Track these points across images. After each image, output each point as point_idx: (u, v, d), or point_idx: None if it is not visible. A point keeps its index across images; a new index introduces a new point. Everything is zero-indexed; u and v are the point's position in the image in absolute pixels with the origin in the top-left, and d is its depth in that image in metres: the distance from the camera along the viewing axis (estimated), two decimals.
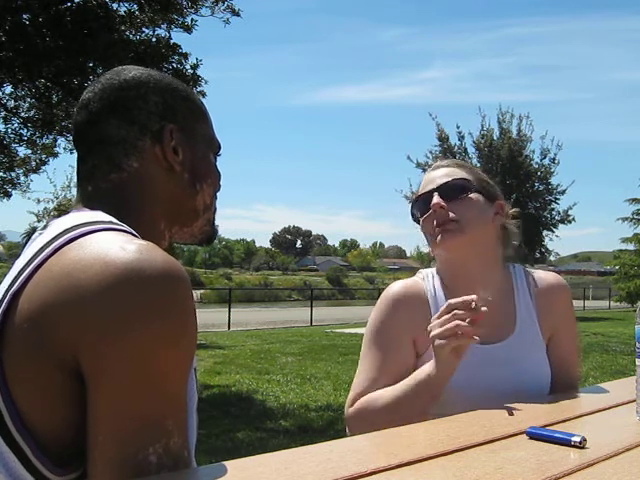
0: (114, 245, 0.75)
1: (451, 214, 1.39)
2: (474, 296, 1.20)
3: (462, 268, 1.43)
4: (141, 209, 0.92)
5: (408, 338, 1.39)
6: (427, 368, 1.26)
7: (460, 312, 1.19)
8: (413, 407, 1.27)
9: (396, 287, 1.45)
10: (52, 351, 0.72)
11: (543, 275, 1.51)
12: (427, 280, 1.48)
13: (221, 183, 1.05)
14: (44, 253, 0.77)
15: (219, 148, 1.05)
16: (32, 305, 0.73)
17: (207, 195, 0.99)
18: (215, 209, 1.04)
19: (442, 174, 1.45)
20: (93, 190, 0.91)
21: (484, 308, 1.19)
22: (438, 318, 1.22)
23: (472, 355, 1.32)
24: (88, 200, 0.91)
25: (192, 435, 0.83)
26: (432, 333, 1.21)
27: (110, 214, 0.87)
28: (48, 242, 0.79)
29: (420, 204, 1.46)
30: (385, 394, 1.33)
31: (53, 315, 0.72)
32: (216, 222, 1.06)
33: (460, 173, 1.45)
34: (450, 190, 1.42)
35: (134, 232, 0.83)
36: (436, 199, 1.40)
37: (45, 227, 0.88)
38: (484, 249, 1.43)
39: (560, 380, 1.42)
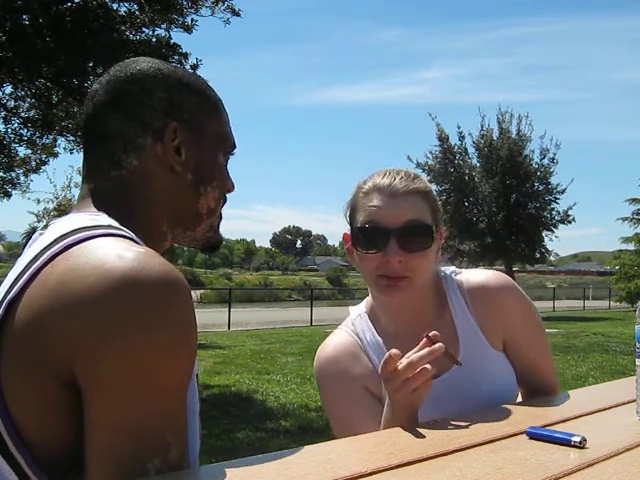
0: (111, 253, 0.73)
1: (405, 269, 1.22)
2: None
3: (400, 306, 1.30)
4: (142, 209, 0.89)
5: (361, 388, 1.29)
6: (389, 414, 1.12)
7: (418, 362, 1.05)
8: None
9: (325, 354, 1.33)
10: (48, 362, 0.70)
11: (476, 278, 1.33)
12: (357, 327, 1.36)
13: (234, 184, 1.00)
14: (40, 260, 0.75)
15: (233, 147, 1.00)
16: (28, 315, 0.72)
17: (212, 199, 0.95)
18: (221, 216, 0.99)
19: (401, 208, 1.23)
20: (94, 188, 0.90)
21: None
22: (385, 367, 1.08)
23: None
24: (89, 198, 0.89)
25: (195, 441, 0.82)
26: (388, 386, 1.09)
27: (111, 214, 0.85)
28: (45, 248, 0.77)
29: (367, 234, 1.24)
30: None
31: (49, 326, 0.70)
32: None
33: (421, 210, 1.24)
34: (410, 239, 1.22)
35: (134, 236, 0.82)
36: (394, 253, 1.20)
37: (46, 227, 0.86)
38: (425, 285, 1.30)
39: (532, 385, 1.34)
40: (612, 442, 0.94)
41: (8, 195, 10.48)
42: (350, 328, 1.37)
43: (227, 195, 1.01)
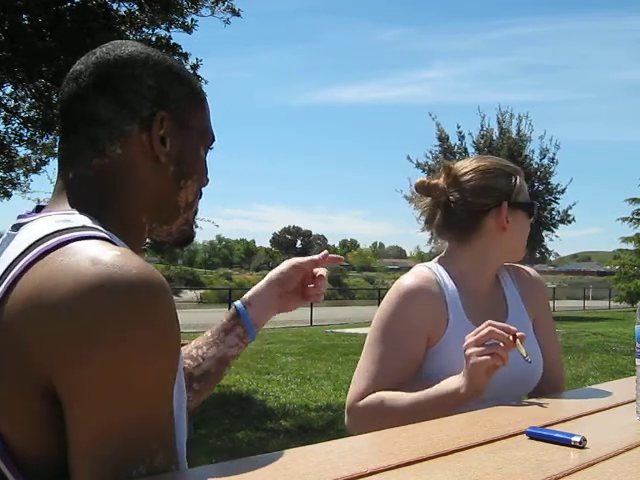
0: (85, 259, 0.70)
1: None
2: (514, 328, 1.24)
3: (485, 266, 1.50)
4: (123, 200, 0.86)
5: (422, 331, 1.39)
6: (455, 383, 1.25)
7: (499, 332, 1.21)
8: (429, 416, 1.23)
9: (409, 280, 1.44)
10: (28, 375, 0.69)
11: (520, 267, 1.60)
12: (436, 271, 1.48)
13: (209, 178, 0.97)
14: (15, 270, 0.73)
15: (212, 141, 0.98)
16: (6, 327, 0.70)
17: (190, 192, 0.93)
18: (196, 210, 0.97)
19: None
20: (74, 178, 0.86)
21: (520, 333, 1.23)
22: (474, 336, 1.23)
23: None
24: (68, 189, 0.85)
25: (182, 435, 0.81)
26: (469, 351, 1.22)
27: (88, 207, 0.82)
28: (19, 256, 0.74)
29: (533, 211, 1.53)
30: (404, 398, 1.31)
31: (26, 338, 0.68)
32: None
33: None
34: None
35: (109, 235, 0.78)
36: None
37: (17, 227, 0.82)
38: None
39: (546, 368, 1.45)
40: (612, 442, 0.94)
41: (8, 195, 10.46)
42: (428, 268, 1.49)
43: (206, 190, 0.98)
